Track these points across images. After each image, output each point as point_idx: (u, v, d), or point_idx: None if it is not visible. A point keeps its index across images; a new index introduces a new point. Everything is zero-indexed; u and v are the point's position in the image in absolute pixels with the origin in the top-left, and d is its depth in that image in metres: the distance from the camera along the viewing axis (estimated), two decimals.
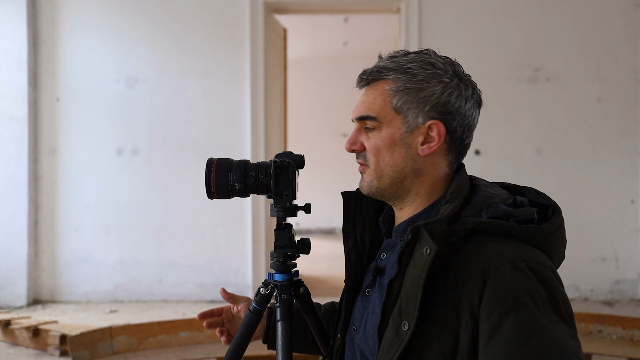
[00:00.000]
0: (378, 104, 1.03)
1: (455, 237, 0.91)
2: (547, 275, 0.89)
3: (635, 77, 4.47)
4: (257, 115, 4.50)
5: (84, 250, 4.54)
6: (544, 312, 0.85)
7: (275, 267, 1.22)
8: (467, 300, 0.88)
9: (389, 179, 1.03)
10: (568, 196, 4.45)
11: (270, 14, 4.63)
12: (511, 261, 0.88)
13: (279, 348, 1.14)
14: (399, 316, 0.93)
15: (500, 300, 0.86)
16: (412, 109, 1.00)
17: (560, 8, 4.49)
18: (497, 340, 0.84)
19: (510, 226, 0.93)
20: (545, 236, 0.95)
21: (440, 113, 1.00)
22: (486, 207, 0.96)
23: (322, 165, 8.09)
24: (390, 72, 1.02)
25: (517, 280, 0.86)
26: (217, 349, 3.16)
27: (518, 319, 0.84)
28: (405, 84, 1.00)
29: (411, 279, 0.92)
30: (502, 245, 0.91)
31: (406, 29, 4.47)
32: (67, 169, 4.55)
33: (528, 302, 0.85)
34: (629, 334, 3.29)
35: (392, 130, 1.02)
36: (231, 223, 4.55)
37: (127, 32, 4.57)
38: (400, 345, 0.91)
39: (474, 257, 0.90)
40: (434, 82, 1.00)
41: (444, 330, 0.89)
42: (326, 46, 7.94)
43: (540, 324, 0.84)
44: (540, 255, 0.93)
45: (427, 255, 0.89)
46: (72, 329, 3.24)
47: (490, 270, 0.88)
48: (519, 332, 0.83)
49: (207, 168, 1.19)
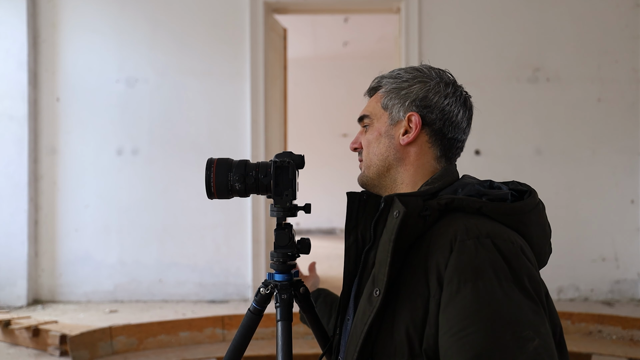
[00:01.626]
0: (372, 105, 1.17)
1: (428, 211, 0.97)
2: (512, 250, 0.92)
3: (635, 77, 4.47)
4: (257, 115, 4.50)
5: (84, 250, 4.54)
6: (505, 285, 0.87)
7: (275, 267, 1.22)
8: (436, 270, 0.92)
9: (376, 168, 1.14)
10: (568, 196, 4.45)
11: (270, 14, 4.63)
12: (477, 236, 0.92)
13: (279, 348, 1.14)
14: (372, 284, 0.98)
15: (461, 270, 0.89)
16: (396, 105, 1.12)
17: (560, 8, 4.49)
18: (452, 306, 0.88)
19: (481, 202, 0.98)
20: (518, 215, 0.98)
21: (419, 107, 1.10)
22: (462, 187, 1.04)
23: (322, 165, 8.09)
24: (384, 79, 1.17)
25: (480, 254, 0.90)
26: (217, 349, 3.16)
27: (475, 288, 0.87)
28: (391, 85, 1.14)
29: (382, 245, 0.98)
30: (471, 221, 0.95)
31: (406, 29, 4.47)
32: (67, 169, 4.55)
33: (488, 274, 0.88)
34: (629, 334, 3.29)
35: (380, 125, 1.14)
36: (231, 223, 4.55)
37: (127, 32, 4.57)
38: (372, 312, 0.95)
39: (444, 230, 0.95)
40: (416, 82, 1.12)
41: (415, 299, 0.93)
42: (326, 46, 7.94)
43: (496, 295, 0.86)
44: (511, 233, 0.96)
45: (397, 217, 0.95)
46: (72, 329, 3.24)
47: (457, 242, 0.92)
48: (474, 300, 0.86)
49: (207, 168, 1.19)
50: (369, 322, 0.95)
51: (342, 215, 8.34)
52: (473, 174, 1.15)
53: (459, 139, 1.12)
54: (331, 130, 8.49)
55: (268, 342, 3.10)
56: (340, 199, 9.13)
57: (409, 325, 0.92)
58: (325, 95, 8.50)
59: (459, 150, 1.14)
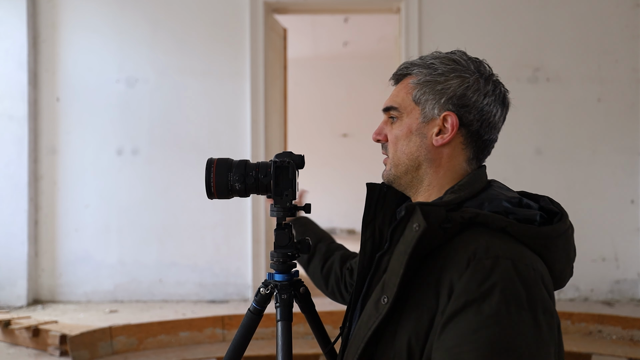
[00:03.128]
0: (401, 96, 1.07)
1: (450, 223, 0.91)
2: (532, 277, 0.87)
3: (635, 77, 4.47)
4: (257, 115, 4.50)
5: (84, 250, 4.54)
6: (514, 310, 0.83)
7: (275, 267, 1.22)
8: (448, 285, 0.88)
9: (405, 167, 1.06)
10: (568, 196, 4.44)
11: (270, 14, 4.63)
12: (497, 256, 0.87)
13: (279, 348, 1.14)
14: (381, 290, 0.95)
15: (472, 288, 0.85)
16: (430, 101, 1.04)
17: (560, 8, 4.49)
18: (454, 322, 0.84)
19: (507, 222, 0.92)
20: (543, 240, 0.92)
21: (456, 105, 1.02)
22: (489, 202, 0.97)
23: (322, 165, 8.09)
24: (415, 67, 1.07)
25: (495, 275, 0.85)
26: (217, 349, 3.16)
27: (480, 308, 0.83)
28: (425, 77, 1.04)
29: (397, 254, 0.94)
30: (494, 240, 0.90)
31: (406, 29, 4.47)
32: (67, 169, 4.55)
33: (498, 297, 0.83)
34: (629, 334, 3.29)
35: (411, 121, 1.06)
36: (231, 223, 4.55)
37: (127, 32, 4.57)
38: (378, 318, 0.93)
39: (464, 246, 0.90)
40: (453, 76, 1.03)
41: (422, 310, 0.90)
42: (326, 46, 7.94)
43: (500, 320, 0.82)
44: (533, 258, 0.90)
45: (416, 231, 0.90)
46: (72, 329, 3.24)
47: (475, 260, 0.87)
48: (476, 321, 0.82)
49: (207, 168, 1.19)
50: (373, 328, 0.93)
51: (342, 215, 8.35)
52: None
53: (493, 140, 1.07)
54: (331, 130, 8.48)
55: (268, 342, 3.10)
56: (340, 198, 9.10)
57: (412, 336, 0.90)
58: (325, 95, 8.49)
59: (490, 150, 1.08)
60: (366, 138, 8.31)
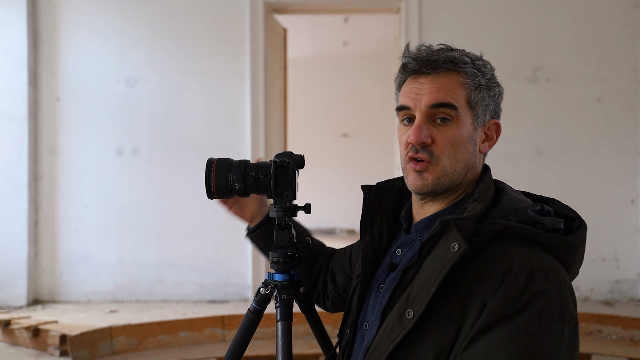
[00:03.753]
0: (459, 94, 1.00)
1: (480, 237, 0.90)
2: (563, 290, 0.88)
3: (635, 77, 4.47)
4: (257, 115, 4.50)
5: (84, 250, 4.54)
6: (546, 322, 0.84)
7: (275, 267, 1.22)
8: (481, 299, 0.87)
9: (457, 176, 1.00)
10: (568, 196, 4.44)
11: (270, 14, 4.63)
12: (531, 269, 0.87)
13: (279, 348, 1.14)
14: (406, 304, 0.93)
15: (507, 303, 0.85)
16: (482, 106, 1.02)
17: (560, 8, 4.49)
18: (487, 336, 0.84)
19: (537, 233, 0.92)
20: (570, 248, 0.94)
21: (497, 113, 1.06)
22: (514, 211, 0.95)
23: (322, 165, 8.09)
24: (465, 65, 1.01)
25: (530, 288, 0.85)
26: (217, 349, 3.16)
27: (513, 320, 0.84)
28: (479, 81, 1.01)
29: (429, 271, 0.91)
30: (527, 252, 0.90)
31: (406, 29, 4.47)
32: (67, 169, 4.55)
33: (531, 308, 0.84)
34: (629, 334, 3.29)
35: (466, 125, 1.00)
36: (231, 223, 4.54)
37: (127, 32, 4.57)
38: (402, 332, 0.91)
39: (498, 259, 0.89)
40: (495, 84, 1.04)
41: (447, 324, 0.89)
42: (326, 46, 7.93)
43: (532, 330, 0.83)
44: (560, 267, 0.92)
45: (455, 252, 0.88)
46: (72, 329, 3.24)
47: (511, 274, 0.87)
48: (508, 332, 0.83)
49: (207, 168, 1.19)
50: (396, 341, 0.91)
51: (342, 215, 8.34)
52: None
53: None
54: (331, 130, 8.48)
55: (268, 342, 3.10)
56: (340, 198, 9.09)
57: (434, 350, 0.89)
58: (325, 95, 8.49)
59: None
60: (366, 138, 8.36)
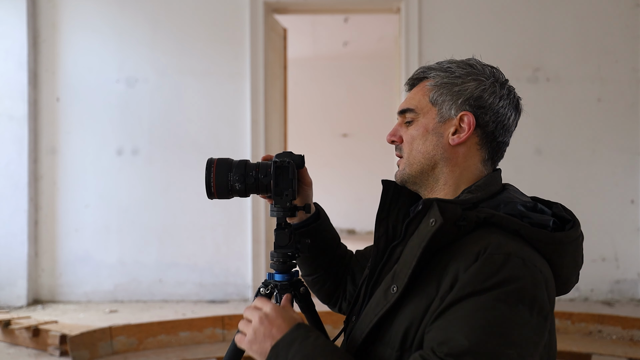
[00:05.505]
0: (417, 98, 1.10)
1: (465, 221, 0.95)
2: (537, 279, 0.90)
3: (635, 77, 4.47)
4: (257, 115, 4.50)
5: (84, 250, 4.54)
6: (513, 303, 0.87)
7: (275, 267, 1.22)
8: (453, 274, 0.91)
9: (420, 166, 1.08)
10: (568, 196, 4.44)
11: (270, 14, 4.63)
12: (509, 253, 0.90)
13: None
14: (392, 279, 0.98)
15: (480, 279, 0.88)
16: (447, 101, 1.06)
17: (560, 8, 4.49)
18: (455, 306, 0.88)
19: (520, 225, 0.95)
20: (555, 245, 0.96)
21: (473, 106, 1.06)
22: (504, 204, 1.00)
23: (322, 165, 8.08)
24: (432, 71, 1.10)
25: (505, 269, 0.89)
26: (217, 349, 3.16)
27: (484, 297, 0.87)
28: (442, 80, 1.07)
29: (411, 247, 0.97)
30: (507, 240, 0.93)
31: (406, 29, 4.47)
32: (67, 169, 4.55)
33: (503, 288, 0.87)
34: (629, 334, 3.29)
35: (427, 120, 1.08)
36: (231, 223, 4.55)
37: (127, 32, 4.56)
38: (385, 306, 0.96)
39: (475, 242, 0.93)
40: (470, 79, 1.06)
41: (421, 298, 0.94)
42: (326, 46, 7.93)
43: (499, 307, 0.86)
44: (542, 262, 0.94)
45: (432, 226, 0.94)
46: (72, 329, 3.24)
47: (485, 254, 0.91)
48: (478, 306, 0.87)
49: (207, 168, 1.19)
50: (380, 314, 0.97)
51: (342, 215, 8.34)
52: None
53: (506, 143, 1.11)
54: (331, 130, 8.48)
55: None
56: (340, 198, 9.11)
57: (408, 321, 0.94)
58: (325, 95, 8.49)
59: (504, 153, 1.12)
60: (366, 138, 8.36)
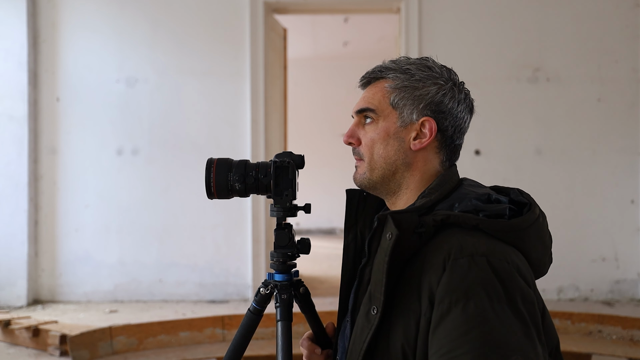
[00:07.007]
0: (377, 99, 1.08)
1: (423, 227, 0.95)
2: (507, 269, 0.90)
3: (635, 77, 4.47)
4: (257, 115, 4.50)
5: (84, 250, 4.54)
6: (497, 306, 0.86)
7: (275, 267, 1.22)
8: (428, 288, 0.91)
9: (381, 171, 1.07)
10: (568, 196, 4.44)
11: (270, 14, 4.63)
12: (471, 254, 0.90)
13: (279, 348, 1.14)
14: (369, 301, 0.97)
15: (453, 289, 0.88)
16: (408, 106, 1.05)
17: (560, 8, 4.49)
18: (443, 326, 0.87)
19: (478, 219, 0.95)
20: (516, 232, 0.96)
21: (434, 112, 1.05)
22: (459, 202, 1.00)
23: (322, 165, 8.08)
24: (390, 71, 1.07)
25: (473, 273, 0.88)
26: (217, 349, 3.16)
27: (465, 309, 0.86)
28: (403, 82, 1.06)
29: (377, 264, 0.96)
30: (467, 238, 0.93)
31: (406, 29, 4.47)
32: (67, 169, 4.55)
33: (480, 294, 0.87)
34: (629, 334, 3.29)
35: (388, 124, 1.06)
36: (231, 223, 4.55)
37: (127, 32, 4.56)
38: (371, 330, 0.95)
39: (439, 248, 0.93)
40: (430, 83, 1.05)
41: (409, 316, 0.93)
42: (326, 46, 7.94)
43: (487, 316, 0.86)
44: (507, 251, 0.93)
45: (389, 240, 0.93)
46: (72, 329, 3.24)
47: (450, 261, 0.90)
48: (464, 322, 0.86)
49: (207, 168, 1.19)
50: (367, 340, 0.95)
51: (342, 215, 8.33)
52: (473, 174, 1.14)
53: (462, 144, 1.11)
54: (331, 130, 8.48)
55: (268, 342, 3.10)
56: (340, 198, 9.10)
57: (404, 342, 0.92)
58: (325, 95, 8.49)
59: (459, 155, 1.12)
60: None
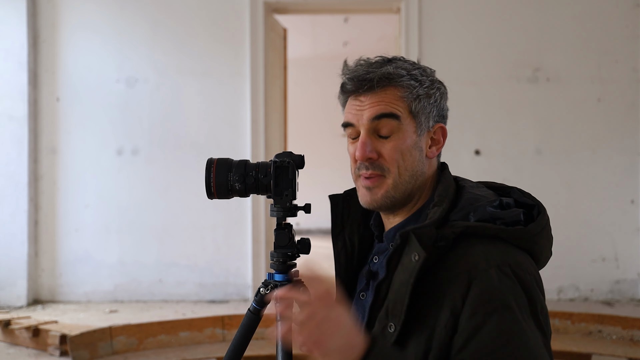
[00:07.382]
0: (399, 105, 1.02)
1: (443, 241, 0.93)
2: (529, 281, 0.91)
3: (635, 77, 4.47)
4: (257, 115, 4.50)
5: (84, 250, 4.54)
6: (526, 317, 0.88)
7: (275, 267, 1.22)
8: (451, 299, 0.90)
9: (408, 186, 1.03)
10: (568, 196, 4.44)
11: (270, 14, 4.63)
12: (498, 265, 0.90)
13: (279, 348, 1.14)
14: (386, 318, 0.95)
15: (487, 301, 0.88)
16: (424, 114, 1.04)
17: (560, 8, 4.49)
18: (478, 339, 0.86)
19: (498, 229, 0.94)
20: (532, 237, 0.96)
21: (441, 117, 1.07)
22: (473, 210, 0.98)
23: (322, 165, 8.07)
24: (401, 78, 1.02)
25: (503, 284, 0.89)
26: (217, 349, 3.16)
27: (501, 321, 0.86)
28: (418, 91, 1.03)
29: (399, 283, 0.94)
30: (489, 249, 0.93)
31: (406, 29, 4.47)
32: (67, 169, 4.55)
33: (513, 306, 0.87)
34: (629, 334, 3.29)
35: (409, 134, 1.03)
36: (231, 223, 4.55)
37: (127, 32, 4.56)
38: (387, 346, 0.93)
39: (462, 260, 0.92)
40: (435, 89, 1.06)
41: (422, 330, 0.92)
42: (326, 46, 7.94)
43: (521, 329, 0.87)
44: (526, 259, 0.95)
45: (416, 261, 0.91)
46: (72, 329, 3.24)
47: (478, 272, 0.90)
48: (500, 334, 0.86)
49: (207, 168, 1.19)
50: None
51: None
52: (473, 174, 1.13)
53: None
54: (331, 130, 8.46)
55: (268, 342, 3.10)
56: None
57: (418, 355, 0.92)
58: (325, 95, 8.44)
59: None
60: None
